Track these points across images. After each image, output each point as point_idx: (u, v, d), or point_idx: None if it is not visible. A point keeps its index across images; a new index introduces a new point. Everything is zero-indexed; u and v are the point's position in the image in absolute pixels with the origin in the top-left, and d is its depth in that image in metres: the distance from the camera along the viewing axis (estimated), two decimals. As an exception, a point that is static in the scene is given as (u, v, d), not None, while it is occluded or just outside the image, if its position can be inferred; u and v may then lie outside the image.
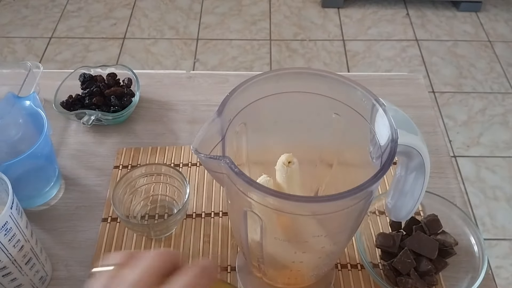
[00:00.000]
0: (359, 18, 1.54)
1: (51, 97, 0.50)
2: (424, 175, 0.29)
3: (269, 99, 0.30)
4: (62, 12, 1.55)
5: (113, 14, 1.54)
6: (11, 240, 0.33)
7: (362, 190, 0.24)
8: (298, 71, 0.30)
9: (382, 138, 0.27)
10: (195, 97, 0.55)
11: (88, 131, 0.51)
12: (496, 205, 1.07)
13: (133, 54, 1.41)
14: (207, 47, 1.44)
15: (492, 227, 1.03)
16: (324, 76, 0.29)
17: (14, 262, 0.34)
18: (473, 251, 0.39)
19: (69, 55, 1.40)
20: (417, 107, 0.54)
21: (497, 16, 1.56)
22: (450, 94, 1.32)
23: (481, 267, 0.37)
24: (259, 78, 0.29)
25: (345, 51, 1.43)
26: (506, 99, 1.30)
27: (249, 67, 1.37)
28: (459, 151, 1.18)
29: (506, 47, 1.45)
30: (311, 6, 1.59)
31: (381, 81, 0.57)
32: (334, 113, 0.31)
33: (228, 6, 1.58)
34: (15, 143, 0.43)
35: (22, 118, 0.43)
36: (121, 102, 0.51)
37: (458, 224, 0.40)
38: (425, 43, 1.46)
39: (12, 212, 0.32)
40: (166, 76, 0.58)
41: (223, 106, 0.27)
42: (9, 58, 1.38)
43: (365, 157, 0.30)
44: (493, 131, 1.22)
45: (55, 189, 0.45)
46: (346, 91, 0.29)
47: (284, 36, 1.48)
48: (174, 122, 0.52)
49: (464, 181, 1.11)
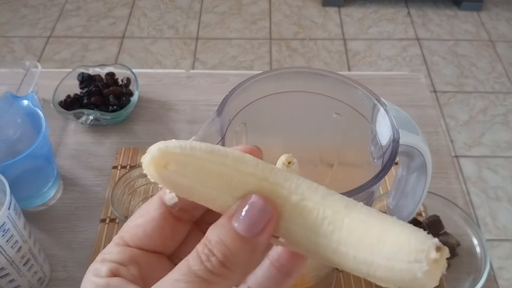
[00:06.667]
0: (360, 17, 1.54)
1: (50, 96, 0.50)
2: (426, 175, 0.29)
3: (269, 98, 0.30)
4: (61, 11, 1.54)
5: (112, 13, 1.54)
6: (9, 241, 0.33)
7: (363, 191, 0.24)
8: (299, 71, 0.30)
9: (383, 138, 0.27)
10: (194, 97, 0.55)
11: (86, 131, 0.51)
12: (498, 205, 1.07)
13: (132, 53, 1.41)
14: (207, 46, 1.44)
15: (494, 228, 1.03)
16: (324, 75, 0.29)
17: (12, 263, 0.34)
18: (475, 252, 0.39)
19: (68, 54, 1.40)
20: (418, 106, 0.54)
21: (498, 16, 1.55)
22: (451, 94, 1.31)
23: (483, 268, 0.37)
24: (259, 77, 0.29)
25: (346, 51, 1.43)
26: (507, 98, 1.30)
27: (249, 66, 1.37)
28: (460, 151, 1.17)
29: (508, 47, 1.45)
30: (311, 5, 1.58)
31: (382, 81, 0.57)
32: (335, 113, 0.30)
33: (228, 5, 1.58)
34: (13, 143, 0.43)
35: (20, 117, 0.42)
36: (120, 102, 0.50)
37: (460, 224, 0.40)
38: (426, 42, 1.46)
39: (10, 213, 0.32)
40: (165, 76, 0.58)
41: (223, 106, 0.26)
42: (8, 58, 1.38)
43: (366, 157, 0.29)
44: (495, 131, 1.21)
45: (53, 189, 0.45)
46: (346, 90, 0.29)
47: (284, 35, 1.47)
48: (174, 122, 0.52)
49: (465, 182, 1.10)
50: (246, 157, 0.16)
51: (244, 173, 0.16)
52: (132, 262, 0.17)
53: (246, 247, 0.15)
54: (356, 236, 0.14)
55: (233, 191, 0.16)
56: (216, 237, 0.15)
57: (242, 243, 0.15)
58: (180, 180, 0.16)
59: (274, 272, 0.17)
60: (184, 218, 0.18)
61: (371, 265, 0.14)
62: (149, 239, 0.17)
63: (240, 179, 0.16)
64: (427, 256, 0.13)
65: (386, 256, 0.14)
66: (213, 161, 0.16)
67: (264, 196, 0.16)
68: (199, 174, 0.16)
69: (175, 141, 0.16)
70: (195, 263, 0.15)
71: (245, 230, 0.15)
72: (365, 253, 0.14)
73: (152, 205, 0.18)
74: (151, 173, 0.16)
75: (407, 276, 0.14)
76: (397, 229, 0.14)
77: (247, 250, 0.15)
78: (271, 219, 0.15)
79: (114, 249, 0.17)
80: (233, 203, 0.16)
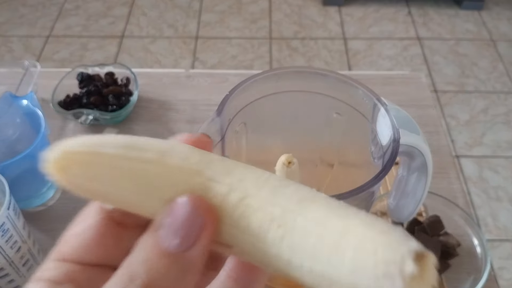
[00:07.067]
0: (360, 17, 1.54)
1: (49, 96, 0.50)
2: (426, 175, 0.29)
3: (269, 98, 0.29)
4: (60, 10, 1.54)
5: (111, 13, 1.54)
6: (8, 241, 0.32)
7: (364, 191, 0.23)
8: (299, 70, 0.29)
9: (383, 138, 0.27)
10: (194, 97, 0.54)
11: (86, 131, 0.51)
12: (499, 205, 1.06)
13: (132, 53, 1.41)
14: (207, 45, 1.43)
15: (494, 228, 1.02)
16: (325, 75, 0.29)
17: (12, 263, 0.33)
18: (476, 252, 0.38)
19: (67, 54, 1.40)
20: (419, 106, 0.54)
21: (499, 15, 1.55)
22: (452, 94, 1.31)
23: (483, 268, 0.37)
24: (259, 77, 0.28)
25: (346, 50, 1.42)
26: (508, 98, 1.30)
27: (249, 66, 1.36)
28: (461, 151, 1.17)
29: (509, 46, 1.44)
30: (311, 4, 1.58)
31: (383, 80, 0.57)
32: (335, 113, 0.30)
33: (227, 4, 1.57)
34: (13, 143, 0.43)
35: (19, 117, 0.42)
36: (119, 102, 0.50)
37: (460, 225, 0.40)
38: (427, 41, 1.46)
39: (9, 213, 0.32)
40: (165, 75, 0.57)
41: (223, 106, 0.26)
42: (7, 57, 1.38)
43: (366, 157, 0.29)
44: (496, 131, 1.21)
45: (52, 189, 0.45)
46: (347, 90, 0.29)
47: (284, 34, 1.47)
48: (173, 121, 0.52)
49: (466, 182, 1.10)
50: (176, 148, 0.13)
51: (171, 169, 0.13)
52: (69, 279, 0.14)
53: (176, 266, 0.12)
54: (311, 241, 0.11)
55: (159, 193, 0.13)
56: (140, 254, 0.12)
57: (170, 261, 0.12)
58: (90, 185, 0.13)
59: (232, 285, 0.14)
60: (129, 222, 0.15)
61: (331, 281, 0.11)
62: (88, 251, 0.14)
63: (166, 177, 0.13)
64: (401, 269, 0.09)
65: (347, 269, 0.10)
66: (130, 158, 0.12)
67: (195, 197, 0.12)
68: (110, 175, 0.13)
69: (83, 137, 0.13)
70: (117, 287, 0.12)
71: (171, 245, 0.12)
72: (322, 264, 0.11)
73: (90, 211, 0.15)
74: (55, 179, 0.13)
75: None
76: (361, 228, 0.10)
77: (177, 269, 0.12)
78: (205, 228, 0.12)
79: (50, 265, 0.14)
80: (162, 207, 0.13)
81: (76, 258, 0.14)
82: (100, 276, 0.14)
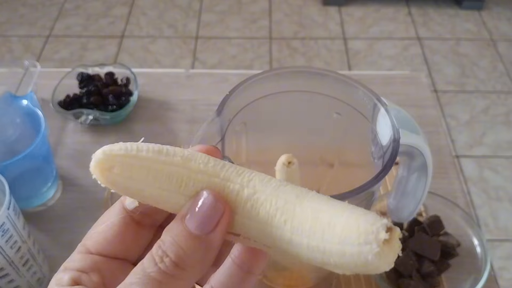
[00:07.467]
0: (361, 16, 1.54)
1: (49, 96, 0.50)
2: (427, 175, 0.29)
3: (269, 98, 0.29)
4: (59, 10, 1.54)
5: (111, 12, 1.54)
6: (8, 241, 0.32)
7: (364, 191, 0.23)
8: (299, 70, 0.29)
9: (383, 138, 0.27)
10: (194, 96, 0.54)
11: (86, 130, 0.51)
12: (499, 205, 1.06)
13: (132, 52, 1.40)
14: (207, 45, 1.43)
15: (494, 228, 1.02)
16: (325, 75, 0.29)
17: (12, 263, 0.33)
18: (476, 252, 0.38)
19: (67, 53, 1.40)
20: (419, 106, 0.54)
21: (500, 15, 1.55)
22: (452, 93, 1.31)
23: (483, 268, 0.37)
24: (259, 77, 0.28)
25: (346, 50, 1.42)
26: (509, 98, 1.30)
27: (249, 66, 1.36)
28: (461, 151, 1.17)
29: (509, 46, 1.44)
30: (311, 4, 1.58)
31: (383, 80, 0.57)
32: (335, 113, 0.30)
33: (227, 4, 1.57)
34: (12, 143, 0.43)
35: (19, 117, 0.42)
36: (119, 102, 0.50)
37: (460, 225, 0.40)
38: (427, 41, 1.46)
39: (9, 213, 0.32)
40: (165, 75, 0.57)
41: (223, 106, 0.26)
42: (6, 57, 1.38)
43: (366, 157, 0.29)
44: (496, 131, 1.21)
45: (52, 189, 0.44)
46: (347, 90, 0.28)
47: (284, 34, 1.47)
48: (173, 121, 0.52)
49: (466, 182, 1.10)
50: (196, 155, 0.16)
51: (194, 171, 0.16)
52: (94, 269, 0.16)
53: (200, 246, 0.15)
54: (308, 224, 0.14)
55: (184, 191, 0.16)
56: (169, 238, 0.15)
57: (195, 242, 0.15)
58: (128, 183, 0.15)
59: (236, 270, 0.16)
60: (146, 222, 0.18)
61: (324, 252, 0.14)
62: (111, 246, 0.17)
63: (190, 178, 0.16)
64: (377, 237, 0.13)
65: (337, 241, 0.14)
66: (161, 161, 0.16)
67: (215, 192, 0.15)
68: (146, 175, 0.15)
69: (121, 144, 0.16)
70: (150, 265, 0.15)
71: (197, 228, 0.15)
72: (317, 240, 0.14)
73: (113, 210, 0.18)
74: (98, 178, 0.16)
75: (359, 259, 0.13)
76: (346, 213, 0.14)
77: (201, 249, 0.15)
78: (223, 215, 0.15)
79: (76, 257, 0.17)
80: (186, 202, 0.16)
81: (100, 251, 0.17)
82: (121, 268, 0.17)
